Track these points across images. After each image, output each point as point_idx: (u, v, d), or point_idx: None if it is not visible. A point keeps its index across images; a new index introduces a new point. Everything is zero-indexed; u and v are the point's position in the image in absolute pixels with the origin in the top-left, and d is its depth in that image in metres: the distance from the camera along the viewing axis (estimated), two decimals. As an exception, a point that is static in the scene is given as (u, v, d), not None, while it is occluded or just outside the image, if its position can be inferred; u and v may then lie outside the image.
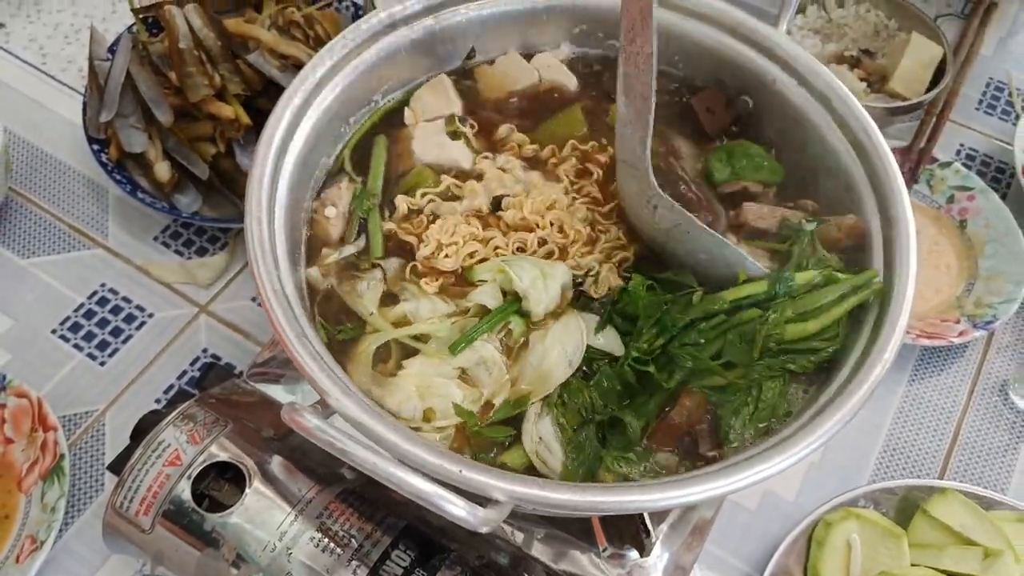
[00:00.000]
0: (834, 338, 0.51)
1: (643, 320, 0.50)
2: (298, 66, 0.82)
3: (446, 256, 0.56)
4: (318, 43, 0.86)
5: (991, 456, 0.74)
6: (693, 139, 0.62)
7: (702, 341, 0.49)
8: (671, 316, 0.50)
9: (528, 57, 0.66)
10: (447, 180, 0.59)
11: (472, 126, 0.63)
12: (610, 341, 0.51)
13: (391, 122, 0.63)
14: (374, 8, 0.89)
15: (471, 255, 0.56)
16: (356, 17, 0.92)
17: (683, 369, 0.49)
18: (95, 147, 0.80)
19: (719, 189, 0.60)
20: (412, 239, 0.57)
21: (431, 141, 0.61)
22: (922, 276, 0.81)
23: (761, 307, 0.50)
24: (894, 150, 0.86)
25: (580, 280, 0.55)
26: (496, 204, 0.59)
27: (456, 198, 0.59)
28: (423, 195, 0.58)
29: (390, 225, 0.58)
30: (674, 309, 0.50)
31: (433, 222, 0.58)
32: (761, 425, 0.49)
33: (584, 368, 0.51)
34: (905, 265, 0.51)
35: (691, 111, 0.62)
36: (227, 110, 0.79)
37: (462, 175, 0.60)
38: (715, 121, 0.63)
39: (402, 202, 0.58)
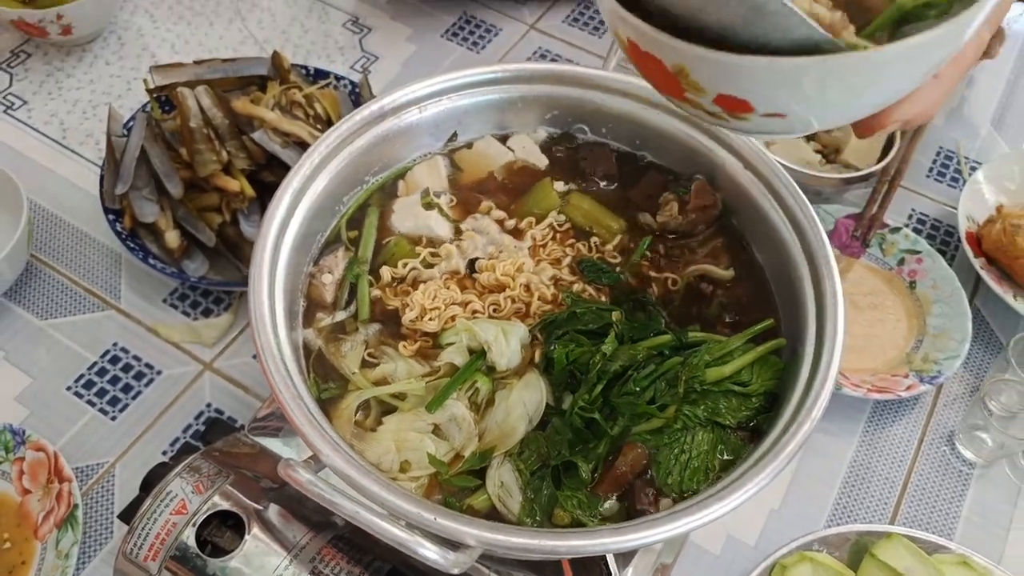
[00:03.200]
0: (749, 382, 0.58)
1: (583, 378, 0.58)
2: (299, 142, 0.90)
3: (430, 319, 0.63)
4: (318, 120, 0.94)
5: (939, 503, 0.79)
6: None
7: (638, 389, 0.57)
8: (600, 367, 0.57)
9: (505, 138, 0.74)
10: (423, 250, 0.66)
11: (451, 201, 0.70)
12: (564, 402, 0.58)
13: (384, 195, 0.70)
14: (372, 95, 0.98)
15: (452, 318, 0.63)
16: (353, 94, 1.00)
17: (624, 415, 0.56)
18: (111, 217, 0.87)
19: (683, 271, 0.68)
20: (396, 305, 0.63)
21: (408, 212, 0.68)
22: (874, 333, 0.88)
23: (680, 354, 0.59)
24: (849, 216, 0.94)
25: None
26: (471, 266, 0.66)
27: (434, 265, 0.66)
28: (404, 264, 0.65)
29: (376, 292, 0.64)
30: (599, 359, 0.58)
31: (416, 287, 0.64)
32: (696, 477, 0.55)
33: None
34: (833, 331, 0.57)
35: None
36: (233, 183, 0.86)
37: (437, 242, 0.67)
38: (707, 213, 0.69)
39: (386, 271, 0.65)
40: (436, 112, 0.71)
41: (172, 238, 0.86)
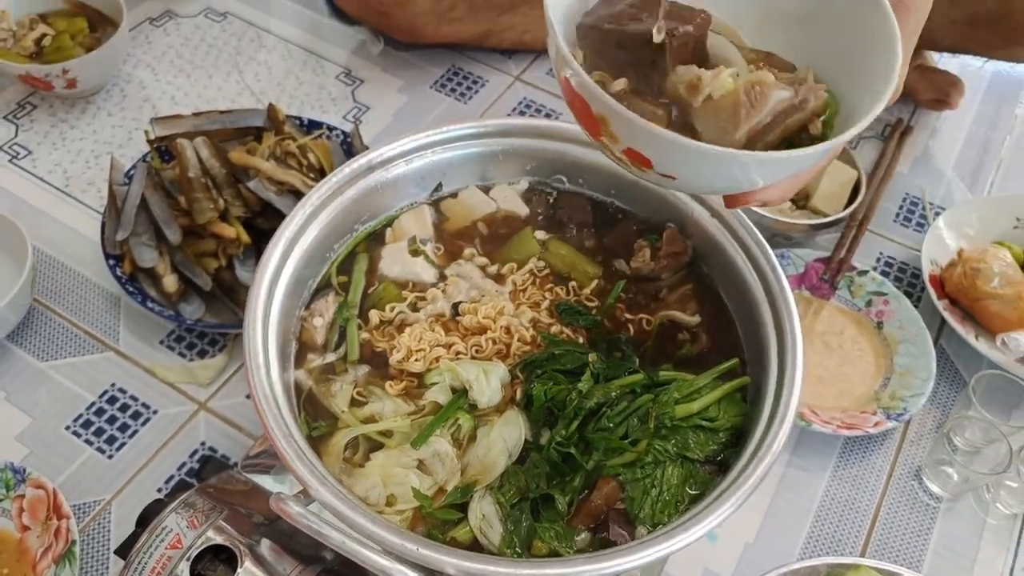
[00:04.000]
0: (716, 418, 0.62)
1: (560, 415, 0.62)
2: (293, 191, 0.94)
3: (416, 360, 0.66)
4: (311, 170, 0.98)
5: (907, 535, 0.82)
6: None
7: (611, 425, 0.61)
8: (576, 404, 0.61)
9: (488, 189, 0.78)
10: (410, 294, 0.69)
11: (438, 248, 0.74)
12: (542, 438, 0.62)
13: (372, 242, 0.74)
14: (363, 144, 1.03)
15: (437, 359, 0.66)
16: (344, 144, 1.04)
17: (598, 449, 0.59)
18: (111, 262, 0.90)
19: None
20: (384, 346, 0.67)
21: (395, 259, 0.72)
22: (844, 372, 0.92)
23: (651, 392, 0.62)
24: (818, 259, 0.98)
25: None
26: (455, 309, 0.70)
27: (420, 309, 0.70)
28: (391, 308, 0.69)
29: (365, 334, 0.68)
30: (575, 397, 0.61)
31: (403, 330, 0.68)
32: (668, 510, 0.59)
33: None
34: (792, 369, 0.61)
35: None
36: (229, 230, 0.90)
37: (423, 287, 0.71)
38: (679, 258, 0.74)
39: (374, 315, 0.69)
40: (422, 164, 0.76)
41: (170, 282, 0.89)
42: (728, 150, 0.46)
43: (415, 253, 0.73)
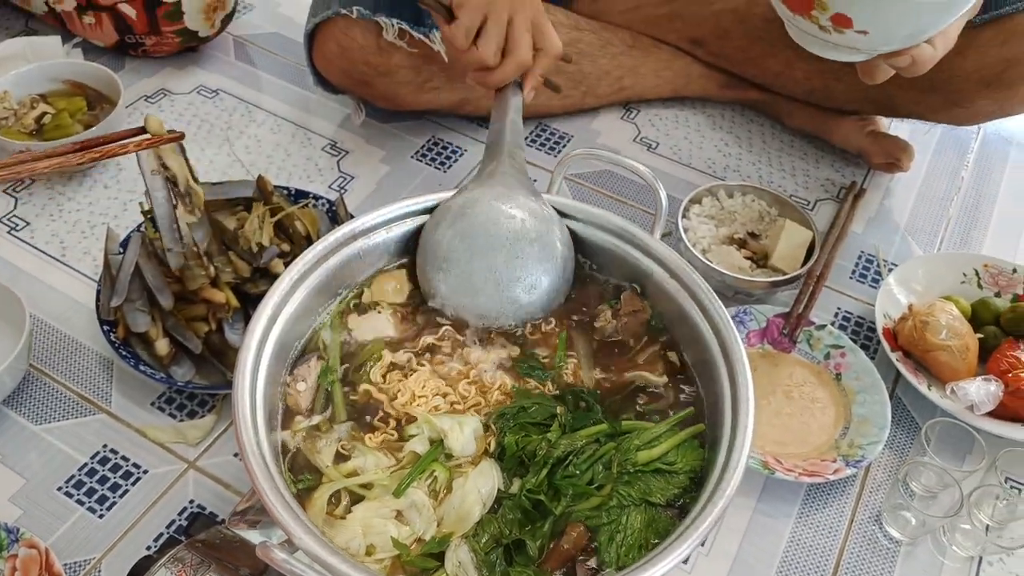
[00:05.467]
0: (675, 462, 0.67)
1: (530, 463, 0.66)
2: (281, 255, 1.00)
3: (417, 405, 0.71)
4: (297, 237, 1.03)
5: (869, 579, 0.86)
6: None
7: (578, 472, 0.65)
8: (545, 453, 0.66)
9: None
10: (390, 356, 0.74)
11: (414, 308, 0.79)
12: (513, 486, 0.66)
13: (354, 305, 0.79)
14: (347, 212, 1.08)
15: (435, 408, 0.71)
16: (330, 212, 1.10)
17: (566, 495, 0.64)
18: (105, 327, 0.94)
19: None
20: (383, 396, 0.72)
21: (374, 321, 0.77)
22: (805, 422, 0.97)
23: (615, 440, 0.67)
24: (779, 315, 1.04)
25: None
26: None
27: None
28: (376, 370, 0.73)
29: (366, 386, 0.73)
30: (544, 446, 0.66)
31: (407, 376, 0.73)
32: (632, 553, 0.63)
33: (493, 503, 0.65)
34: (745, 418, 0.66)
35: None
36: (220, 296, 0.95)
37: (397, 344, 0.76)
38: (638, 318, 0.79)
39: (364, 374, 0.73)
40: (402, 231, 0.81)
41: (162, 346, 0.93)
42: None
43: (393, 314, 0.78)
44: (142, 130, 0.84)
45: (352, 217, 1.07)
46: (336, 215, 1.10)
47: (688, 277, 0.76)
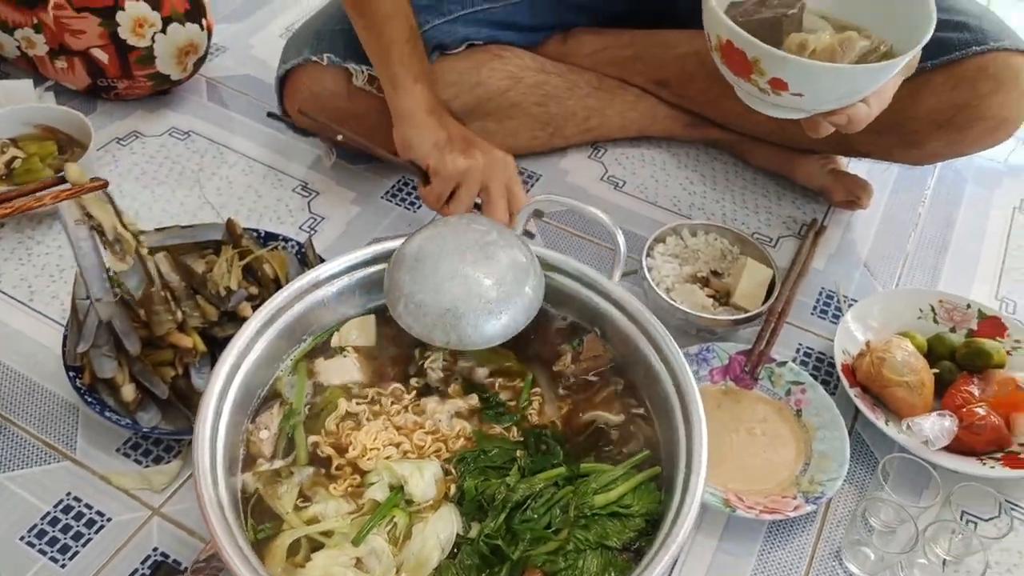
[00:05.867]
0: (631, 505, 0.68)
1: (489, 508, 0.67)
2: (249, 299, 1.01)
3: (368, 459, 0.71)
4: (266, 280, 1.04)
5: (830, 615, 0.87)
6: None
7: (535, 516, 0.66)
8: (504, 497, 0.67)
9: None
10: (353, 400, 0.75)
11: (378, 354, 0.80)
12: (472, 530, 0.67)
13: (318, 351, 0.80)
14: (315, 254, 1.09)
15: (387, 458, 0.72)
16: (299, 254, 1.11)
17: (524, 539, 0.65)
18: (71, 374, 0.95)
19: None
20: (330, 452, 0.72)
21: (338, 366, 0.78)
22: (767, 458, 0.98)
23: (573, 484, 0.68)
24: (740, 352, 1.06)
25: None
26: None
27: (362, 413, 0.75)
28: (338, 415, 0.74)
29: (313, 439, 0.73)
30: (503, 490, 0.67)
31: (357, 430, 0.73)
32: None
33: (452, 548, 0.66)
34: (699, 459, 0.67)
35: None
36: (187, 340, 0.95)
37: (364, 390, 0.77)
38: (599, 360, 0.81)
39: (323, 421, 0.74)
40: (365, 274, 0.83)
41: (128, 392, 0.94)
42: (844, 65, 0.75)
43: (357, 360, 0.79)
44: (63, 180, 0.84)
45: (321, 259, 1.09)
46: (305, 257, 1.11)
47: (646, 320, 0.78)
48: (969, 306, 1.10)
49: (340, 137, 1.09)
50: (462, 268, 0.73)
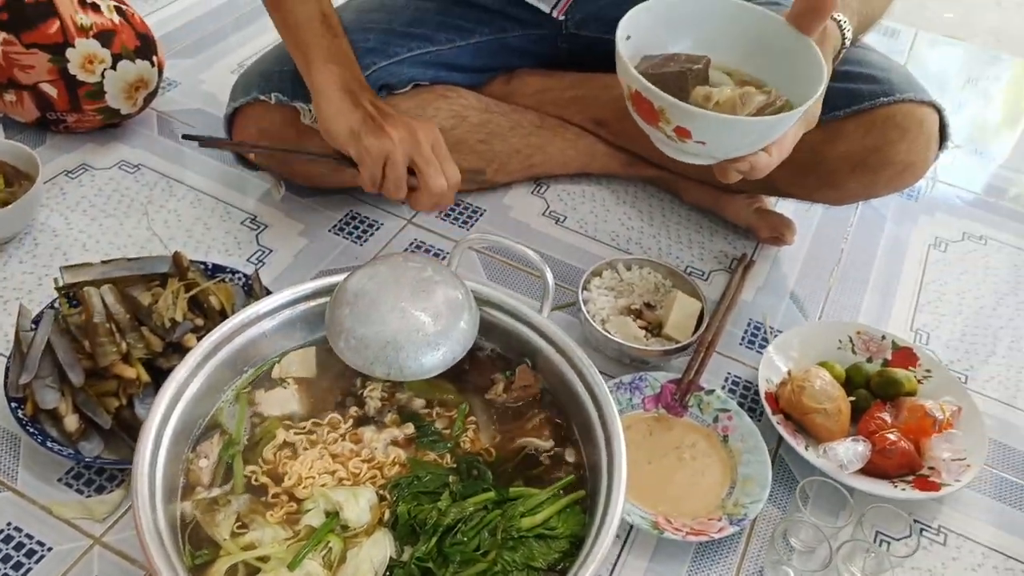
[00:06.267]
0: (556, 527, 0.72)
1: (421, 531, 0.70)
2: (194, 330, 1.03)
3: (304, 487, 0.74)
4: (212, 312, 1.07)
5: (752, 632, 0.91)
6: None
7: (465, 539, 0.70)
8: (435, 521, 0.71)
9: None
10: (290, 431, 0.78)
11: (317, 384, 0.83)
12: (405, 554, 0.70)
13: (258, 382, 0.83)
14: (262, 286, 1.12)
15: (322, 486, 0.74)
16: (246, 287, 1.14)
17: (454, 562, 0.68)
18: (13, 404, 0.95)
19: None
20: (265, 481, 0.75)
21: (277, 397, 0.81)
22: (696, 482, 1.03)
23: (501, 507, 0.72)
24: (671, 381, 1.11)
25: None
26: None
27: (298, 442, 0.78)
28: (275, 444, 0.77)
29: (251, 467, 0.76)
30: (435, 514, 0.70)
31: (295, 458, 0.76)
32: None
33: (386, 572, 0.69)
34: (618, 483, 0.72)
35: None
36: (131, 371, 0.97)
37: (301, 420, 0.80)
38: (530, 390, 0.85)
39: (260, 450, 0.77)
40: (307, 308, 0.86)
41: (71, 422, 0.95)
42: (740, 117, 0.80)
43: (297, 391, 0.82)
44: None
45: (268, 291, 1.11)
46: (252, 289, 1.14)
47: (572, 352, 0.82)
48: (884, 337, 1.17)
49: (253, 156, 1.10)
50: (400, 304, 0.77)
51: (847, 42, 0.94)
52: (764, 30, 0.89)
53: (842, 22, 0.92)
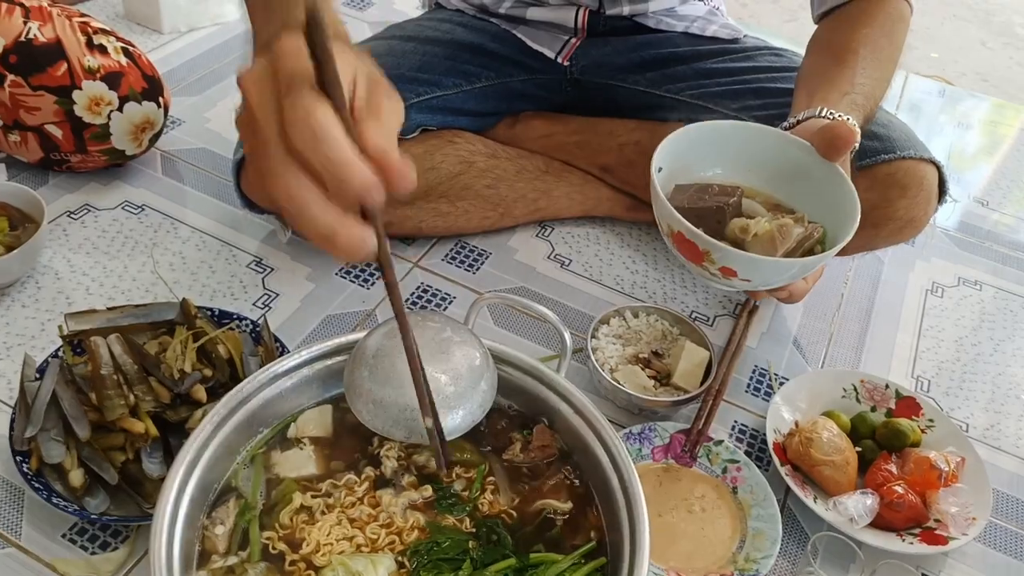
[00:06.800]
0: None
1: None
2: (202, 381, 1.02)
3: (322, 555, 0.73)
4: (220, 362, 1.06)
5: None
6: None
7: None
8: None
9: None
10: (308, 494, 0.77)
11: (334, 444, 0.83)
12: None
13: (275, 442, 0.82)
14: (271, 334, 1.11)
15: (341, 552, 0.74)
16: (254, 333, 1.13)
17: None
18: (18, 458, 0.94)
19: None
20: (284, 547, 0.74)
21: (294, 459, 0.80)
22: (705, 535, 1.03)
23: (523, 574, 0.72)
24: (680, 431, 1.11)
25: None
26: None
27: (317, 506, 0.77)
28: (293, 509, 0.76)
29: (268, 534, 0.75)
30: None
31: (312, 524, 0.75)
32: None
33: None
34: (641, 548, 0.71)
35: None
36: (139, 425, 0.96)
37: (319, 483, 0.79)
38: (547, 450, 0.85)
39: (278, 516, 0.76)
40: (323, 366, 0.85)
41: (76, 477, 0.93)
42: (781, 259, 0.85)
43: (313, 452, 0.81)
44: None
45: (276, 339, 1.11)
46: (260, 337, 1.13)
47: (590, 413, 0.82)
48: (887, 386, 1.18)
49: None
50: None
51: (856, 145, 0.97)
52: (789, 155, 0.94)
53: (854, 127, 0.96)
